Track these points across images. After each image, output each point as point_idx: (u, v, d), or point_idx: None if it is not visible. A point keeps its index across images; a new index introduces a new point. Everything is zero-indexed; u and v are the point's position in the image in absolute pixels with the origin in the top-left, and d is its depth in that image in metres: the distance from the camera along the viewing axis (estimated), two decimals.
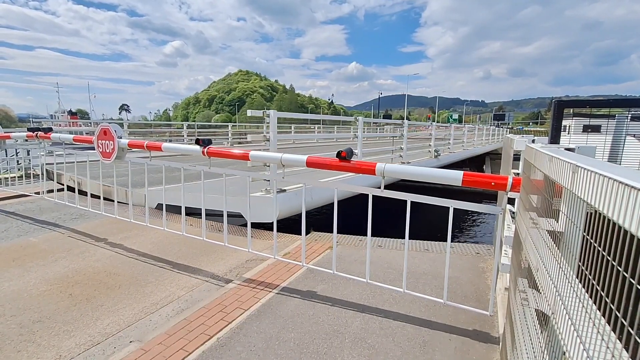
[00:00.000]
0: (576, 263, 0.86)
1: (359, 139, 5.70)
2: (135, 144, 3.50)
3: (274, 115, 4.19)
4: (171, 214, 4.66)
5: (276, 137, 4.23)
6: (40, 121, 13.90)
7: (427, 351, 2.00)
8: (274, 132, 4.19)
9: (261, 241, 3.99)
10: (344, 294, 2.67)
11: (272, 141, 4.19)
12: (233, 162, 5.22)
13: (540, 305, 1.17)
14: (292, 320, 2.30)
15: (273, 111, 4.17)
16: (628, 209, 0.55)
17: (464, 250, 3.72)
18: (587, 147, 1.62)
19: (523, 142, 2.14)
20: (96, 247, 3.68)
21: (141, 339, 2.12)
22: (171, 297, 2.67)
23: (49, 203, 5.09)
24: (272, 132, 4.17)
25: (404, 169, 2.19)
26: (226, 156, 2.94)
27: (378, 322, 2.29)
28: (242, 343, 2.06)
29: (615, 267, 0.60)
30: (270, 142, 4.20)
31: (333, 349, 2.01)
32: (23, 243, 3.79)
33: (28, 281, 2.89)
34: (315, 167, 2.47)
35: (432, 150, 8.84)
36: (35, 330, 2.22)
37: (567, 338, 0.78)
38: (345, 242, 3.90)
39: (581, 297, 0.76)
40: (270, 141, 4.20)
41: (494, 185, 1.88)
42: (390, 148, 7.58)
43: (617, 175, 0.61)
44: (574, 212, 0.89)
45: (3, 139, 5.38)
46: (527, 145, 1.54)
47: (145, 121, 64.81)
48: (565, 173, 0.89)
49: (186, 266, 3.26)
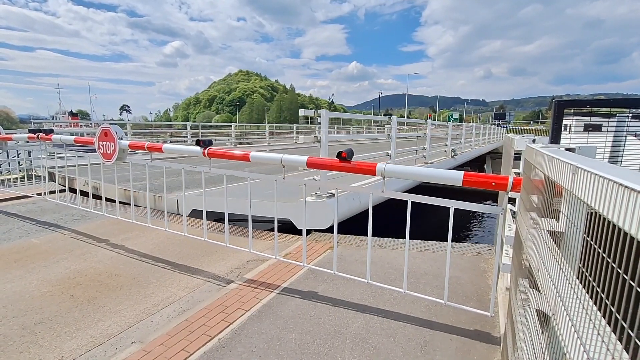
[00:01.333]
0: (577, 264, 0.86)
1: (392, 138, 5.56)
2: (136, 145, 3.51)
3: (326, 115, 4.02)
4: (172, 215, 4.67)
5: (327, 137, 4.05)
6: (41, 122, 13.94)
7: (428, 351, 2.00)
8: (326, 132, 4.01)
9: (262, 241, 3.99)
10: (345, 294, 2.67)
11: (323, 141, 4.01)
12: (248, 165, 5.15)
13: (541, 306, 1.17)
14: (293, 321, 2.30)
15: (325, 110, 4.02)
16: (628, 211, 0.55)
17: (465, 250, 3.72)
18: (587, 147, 1.61)
19: (524, 142, 2.13)
20: (97, 248, 3.69)
21: (143, 339, 2.12)
22: (172, 298, 2.68)
23: (50, 204, 5.10)
24: (324, 132, 4.00)
25: (403, 169, 2.19)
26: (227, 157, 2.95)
27: (379, 322, 2.29)
28: (243, 344, 2.06)
29: (615, 269, 0.60)
30: (322, 142, 4.01)
31: (334, 350, 2.01)
32: (25, 244, 3.81)
33: (30, 282, 2.90)
34: (315, 167, 2.47)
35: (449, 150, 8.75)
36: (37, 332, 2.23)
37: (567, 339, 0.78)
38: (346, 242, 3.90)
39: (581, 298, 0.76)
40: (322, 141, 4.01)
41: (494, 186, 1.88)
42: (413, 148, 7.47)
43: (617, 177, 0.61)
44: (574, 213, 0.89)
45: (4, 141, 5.40)
46: (528, 146, 1.54)
47: (146, 121, 64.98)
48: (566, 174, 0.89)
49: (187, 267, 3.26)
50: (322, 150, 4.06)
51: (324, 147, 4.07)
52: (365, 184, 4.89)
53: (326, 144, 4.06)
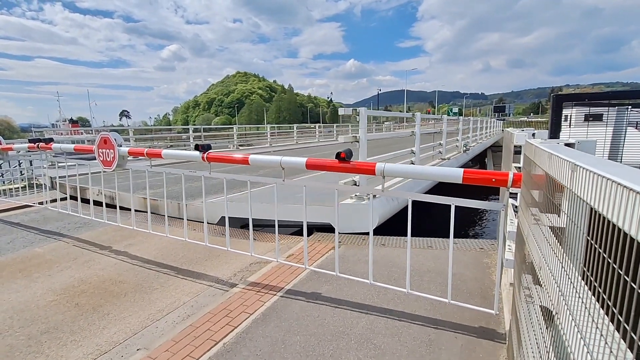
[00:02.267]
0: (578, 261, 0.86)
1: (417, 135, 5.43)
2: (136, 152, 3.51)
3: (365, 113, 3.88)
4: (172, 220, 4.68)
5: (366, 135, 3.87)
6: (42, 130, 13.99)
7: (433, 350, 2.00)
8: (364, 131, 3.85)
9: (264, 243, 3.99)
10: (349, 294, 2.67)
11: (362, 140, 3.85)
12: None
13: (544, 303, 1.16)
14: (298, 323, 2.30)
15: (364, 109, 3.89)
16: (627, 211, 0.54)
17: (468, 246, 3.71)
18: (587, 141, 1.60)
19: (523, 136, 2.12)
20: (101, 256, 3.70)
21: (148, 346, 2.13)
22: (177, 303, 2.69)
23: (52, 212, 5.11)
24: (363, 131, 3.84)
25: (403, 168, 2.18)
26: (226, 161, 2.95)
27: (383, 322, 2.29)
28: (248, 347, 2.06)
29: (616, 269, 0.60)
30: (361, 141, 3.85)
31: (339, 351, 2.01)
32: (29, 254, 3.82)
33: (35, 292, 2.91)
34: (314, 169, 2.46)
35: (461, 145, 8.74)
36: (43, 341, 2.24)
37: (570, 338, 0.77)
38: (348, 242, 3.90)
39: (584, 296, 0.76)
40: (361, 140, 3.85)
41: (494, 182, 1.87)
42: (430, 144, 7.39)
43: (616, 176, 0.60)
44: (574, 210, 0.89)
45: (5, 151, 5.42)
46: (527, 141, 1.53)
47: (146, 126, 65.16)
48: (565, 171, 0.88)
49: (190, 271, 3.27)
50: (362, 149, 3.87)
51: (364, 146, 3.87)
52: (394, 185, 4.81)
53: (365, 142, 3.88)
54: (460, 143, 8.72)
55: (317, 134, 20.65)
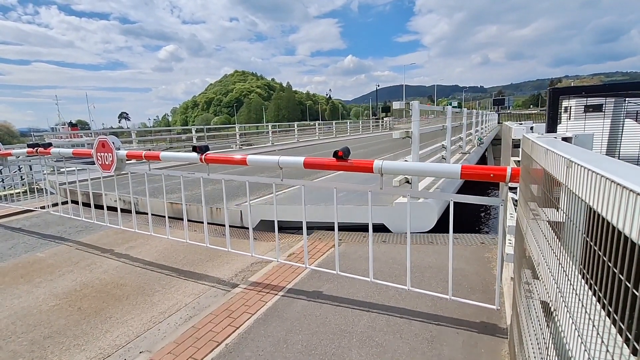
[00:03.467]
0: (575, 257, 0.85)
1: (448, 129, 5.27)
2: (133, 155, 3.51)
3: (417, 107, 3.75)
4: (173, 221, 4.68)
5: (419, 130, 3.73)
6: (42, 135, 13.97)
7: (435, 346, 2.00)
8: (417, 126, 3.72)
9: (265, 243, 4.00)
10: (350, 292, 2.67)
11: (415, 136, 3.71)
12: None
13: (544, 298, 1.16)
14: (299, 322, 2.31)
15: (417, 102, 3.78)
16: (622, 209, 0.54)
17: (468, 241, 3.71)
18: (584, 135, 1.59)
19: (521, 130, 2.11)
20: (102, 259, 3.71)
21: (151, 349, 2.13)
22: (178, 305, 2.70)
23: (53, 217, 5.12)
24: (415, 126, 3.70)
25: (401, 165, 2.17)
26: (225, 162, 2.94)
27: (385, 319, 2.29)
28: (251, 348, 2.07)
29: (611, 268, 0.59)
30: (413, 136, 3.71)
31: (341, 349, 2.02)
32: (30, 259, 3.83)
33: (37, 297, 2.92)
34: (312, 167, 2.46)
35: (475, 138, 8.84)
36: (46, 346, 2.25)
37: (568, 335, 0.77)
38: (349, 239, 3.90)
39: (581, 293, 0.75)
40: (414, 136, 3.71)
41: (492, 177, 1.86)
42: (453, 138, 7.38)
43: (611, 173, 0.60)
44: (571, 207, 0.88)
45: (4, 157, 5.42)
46: (524, 136, 1.52)
47: (145, 128, 65.11)
48: (560, 167, 0.88)
49: (192, 273, 3.28)
50: (414, 145, 3.71)
51: (416, 142, 3.72)
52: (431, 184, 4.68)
53: (418, 138, 3.73)
54: (474, 136, 8.85)
55: (317, 132, 20.64)
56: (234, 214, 4.48)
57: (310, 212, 3.97)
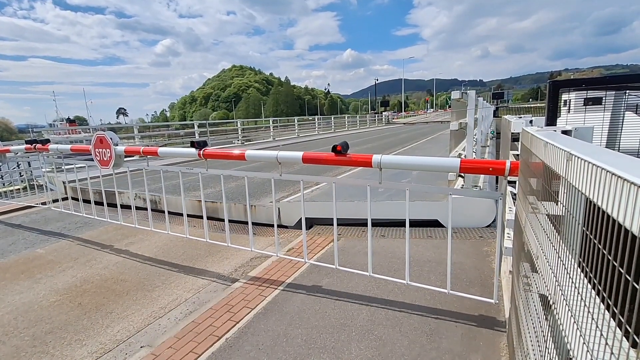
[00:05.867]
0: (574, 250, 0.85)
1: (478, 121, 5.13)
2: (132, 150, 3.50)
3: (474, 97, 3.59)
4: (173, 216, 4.68)
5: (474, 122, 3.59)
6: (40, 131, 13.89)
7: (434, 339, 2.01)
8: (473, 117, 3.56)
9: (264, 238, 4.01)
10: (349, 286, 2.68)
11: (470, 127, 3.57)
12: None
13: (542, 291, 1.16)
14: (299, 316, 2.32)
15: (473, 92, 3.66)
16: (622, 202, 0.53)
17: (467, 235, 3.72)
18: (584, 128, 1.58)
19: (520, 124, 2.10)
20: (102, 255, 3.72)
21: (151, 343, 2.15)
22: (178, 300, 2.71)
23: (53, 213, 5.13)
24: (470, 117, 3.54)
25: (400, 159, 2.17)
26: (223, 157, 2.93)
27: (384, 313, 2.31)
28: (251, 342, 2.08)
29: (611, 261, 0.59)
30: (469, 128, 3.57)
31: (341, 343, 2.03)
32: (31, 255, 3.84)
33: (38, 293, 2.93)
34: (310, 162, 2.45)
35: (488, 132, 9.07)
36: (47, 341, 2.26)
37: (567, 329, 0.77)
38: (348, 234, 3.91)
39: (579, 284, 0.75)
40: (469, 127, 3.57)
41: (491, 171, 1.86)
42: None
43: (611, 166, 0.59)
44: (570, 200, 0.88)
45: (3, 153, 5.40)
46: (524, 129, 1.51)
47: (143, 123, 64.88)
48: (560, 160, 0.87)
49: (192, 268, 3.29)
50: (469, 136, 3.58)
51: (471, 134, 3.59)
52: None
53: (472, 130, 3.61)
54: (487, 130, 9.07)
55: (316, 127, 20.59)
56: (269, 212, 4.36)
57: (342, 209, 3.89)
